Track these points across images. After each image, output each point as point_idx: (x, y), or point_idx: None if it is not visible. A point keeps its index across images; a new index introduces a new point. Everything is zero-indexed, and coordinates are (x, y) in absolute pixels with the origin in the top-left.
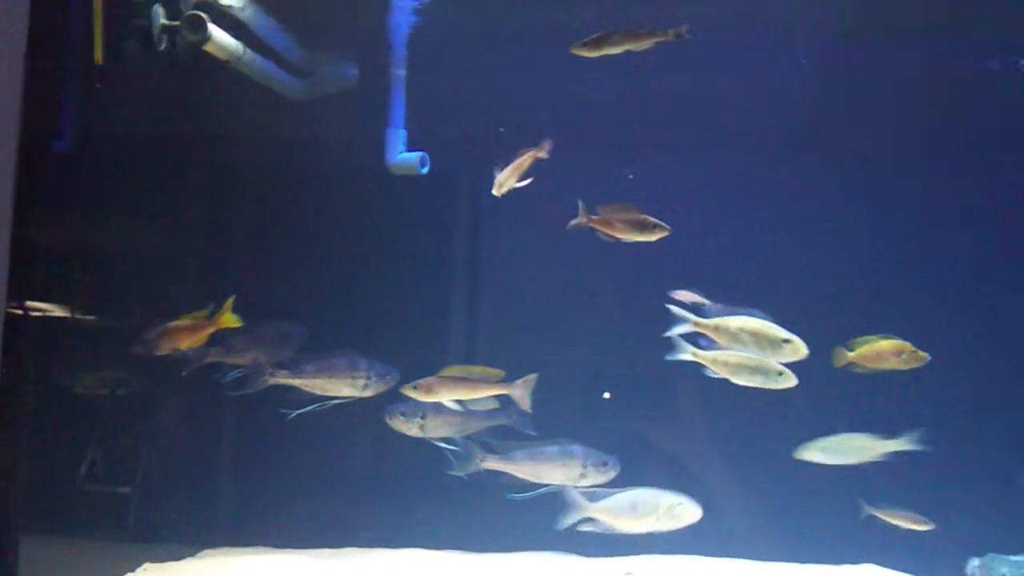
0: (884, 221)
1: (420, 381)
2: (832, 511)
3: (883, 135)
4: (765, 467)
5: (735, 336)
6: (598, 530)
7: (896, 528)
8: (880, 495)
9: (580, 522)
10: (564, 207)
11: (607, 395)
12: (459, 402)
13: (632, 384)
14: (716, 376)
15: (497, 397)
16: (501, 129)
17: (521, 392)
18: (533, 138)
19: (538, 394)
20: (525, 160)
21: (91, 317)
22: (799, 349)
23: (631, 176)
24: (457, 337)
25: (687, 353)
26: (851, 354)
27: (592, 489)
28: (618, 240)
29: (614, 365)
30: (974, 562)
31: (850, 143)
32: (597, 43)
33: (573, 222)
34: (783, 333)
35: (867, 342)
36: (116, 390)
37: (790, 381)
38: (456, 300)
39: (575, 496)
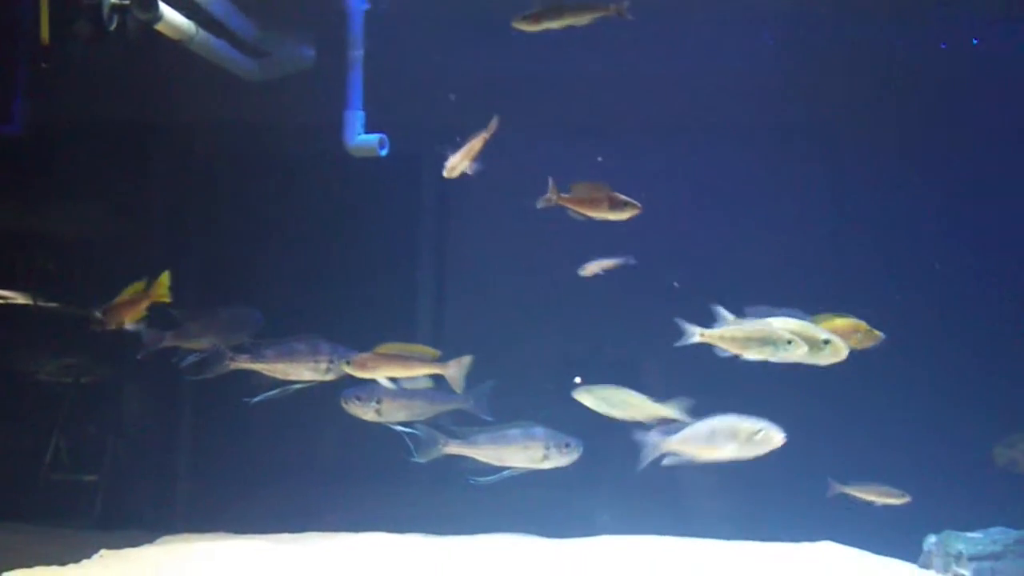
0: (850, 206)
1: (355, 356)
2: (790, 490)
3: (850, 119)
4: None
5: None
6: (677, 463)
7: (853, 507)
8: (839, 475)
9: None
10: (532, 188)
11: (578, 379)
12: (394, 380)
13: (601, 367)
14: (727, 355)
15: (433, 377)
16: (452, 96)
17: (454, 372)
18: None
19: (507, 378)
20: (476, 143)
21: (52, 304)
22: (839, 350)
23: (600, 159)
24: (423, 321)
25: (696, 336)
26: None
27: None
28: (588, 218)
29: (583, 348)
30: (931, 539)
31: (813, 124)
32: (537, 17)
33: (542, 200)
34: (823, 333)
35: (823, 321)
36: (80, 378)
37: (800, 348)
38: (421, 283)
39: (650, 436)
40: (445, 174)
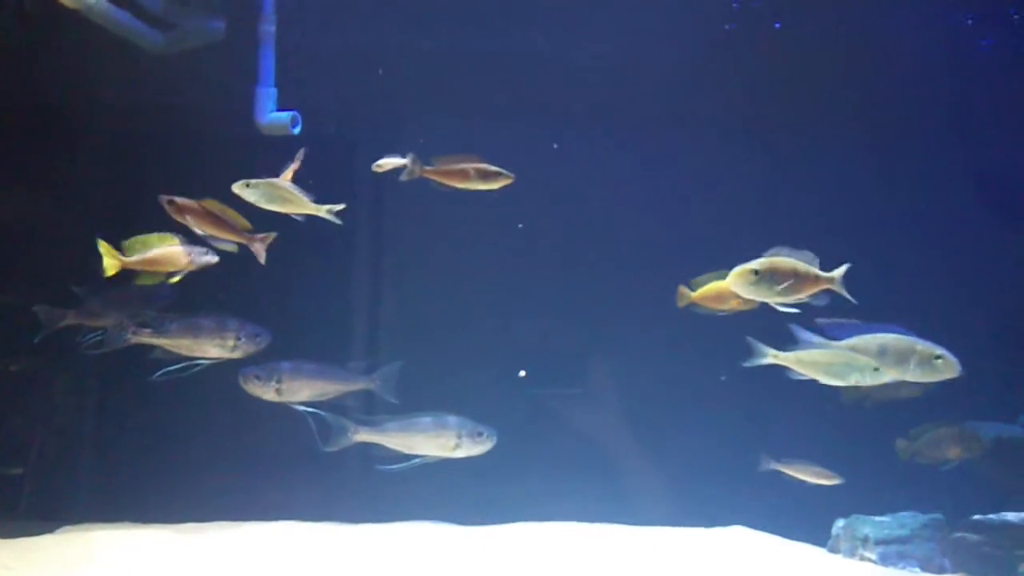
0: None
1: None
2: (703, 476)
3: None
4: (643, 435)
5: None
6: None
7: (764, 491)
8: (750, 461)
9: None
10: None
11: (522, 373)
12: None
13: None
14: (803, 378)
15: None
16: (380, 71)
17: (259, 246)
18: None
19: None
20: (287, 174)
21: None
22: (951, 366)
23: (555, 145)
24: (351, 306)
25: (767, 356)
26: (693, 294)
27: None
28: (457, 189)
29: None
30: (839, 523)
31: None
32: None
33: (404, 175)
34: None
35: (705, 279)
36: (8, 367)
37: (886, 377)
38: (340, 267)
39: (807, 333)
40: None
